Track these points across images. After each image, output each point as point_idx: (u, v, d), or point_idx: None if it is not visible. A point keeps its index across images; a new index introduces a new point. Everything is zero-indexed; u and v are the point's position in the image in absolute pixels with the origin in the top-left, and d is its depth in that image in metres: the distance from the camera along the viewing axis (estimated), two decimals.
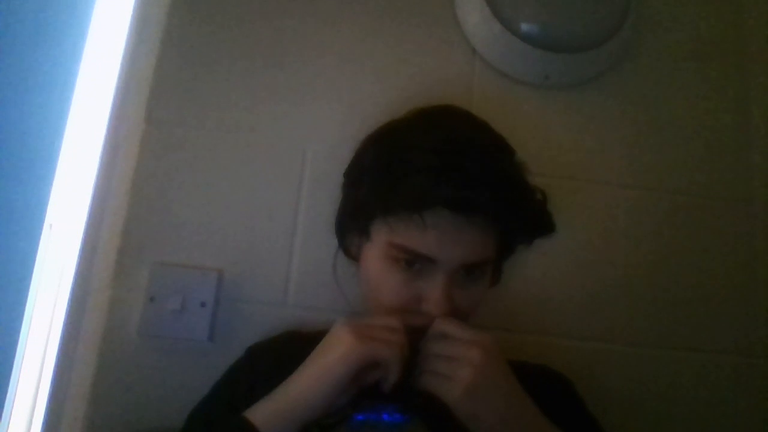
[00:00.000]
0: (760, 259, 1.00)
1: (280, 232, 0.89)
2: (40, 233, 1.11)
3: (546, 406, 0.70)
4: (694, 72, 1.06)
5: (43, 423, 0.90)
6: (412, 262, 0.66)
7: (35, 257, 1.10)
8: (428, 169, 0.64)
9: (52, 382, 0.93)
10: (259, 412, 0.61)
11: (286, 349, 0.74)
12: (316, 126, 0.93)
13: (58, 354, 0.95)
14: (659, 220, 0.99)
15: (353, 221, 0.74)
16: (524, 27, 0.95)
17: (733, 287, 0.98)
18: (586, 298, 0.94)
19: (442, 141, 0.66)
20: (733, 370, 0.95)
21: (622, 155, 1.00)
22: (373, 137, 0.76)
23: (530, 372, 0.76)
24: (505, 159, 0.69)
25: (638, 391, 0.92)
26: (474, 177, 0.63)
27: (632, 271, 0.96)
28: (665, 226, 0.99)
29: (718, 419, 0.93)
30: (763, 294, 0.99)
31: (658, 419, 0.92)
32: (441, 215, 0.63)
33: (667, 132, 1.03)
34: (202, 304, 0.83)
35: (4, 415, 1.00)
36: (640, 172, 1.00)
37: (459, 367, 0.60)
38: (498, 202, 0.64)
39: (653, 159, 1.01)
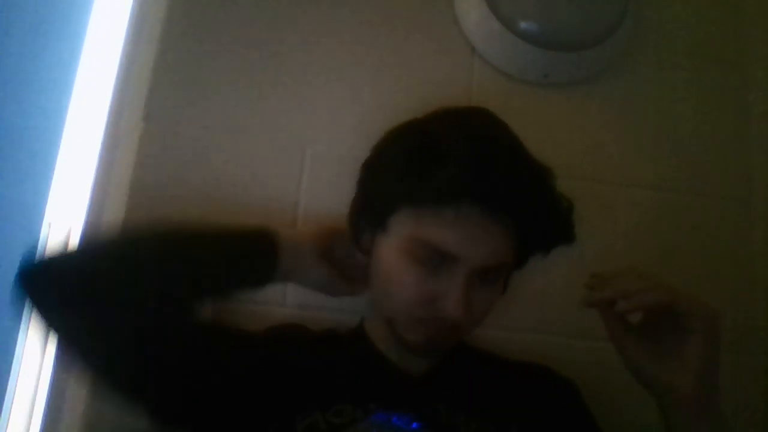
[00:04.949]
0: (759, 259, 1.00)
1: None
2: (39, 232, 1.11)
3: (550, 409, 0.70)
4: (693, 71, 1.06)
5: (42, 423, 0.90)
6: (431, 257, 0.63)
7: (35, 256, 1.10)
8: (463, 161, 0.61)
9: (51, 382, 0.93)
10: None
11: (297, 341, 0.74)
12: (316, 125, 0.93)
13: (57, 353, 0.95)
14: (659, 219, 0.99)
15: (370, 213, 0.71)
16: (523, 25, 0.95)
17: (732, 287, 0.98)
18: None
19: (474, 136, 0.64)
20: (733, 369, 0.95)
21: (621, 154, 1.00)
22: (398, 130, 0.72)
23: (535, 373, 0.76)
24: (533, 162, 0.68)
25: (639, 390, 0.92)
26: (508, 175, 0.62)
27: None
28: (665, 225, 0.99)
29: None
30: (763, 294, 0.99)
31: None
32: (469, 212, 0.61)
33: (666, 131, 1.03)
34: None
35: (3, 414, 1.00)
36: (639, 171, 1.00)
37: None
38: (529, 204, 0.63)
39: (653, 158, 1.01)
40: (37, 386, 1.02)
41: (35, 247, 1.02)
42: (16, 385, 1.02)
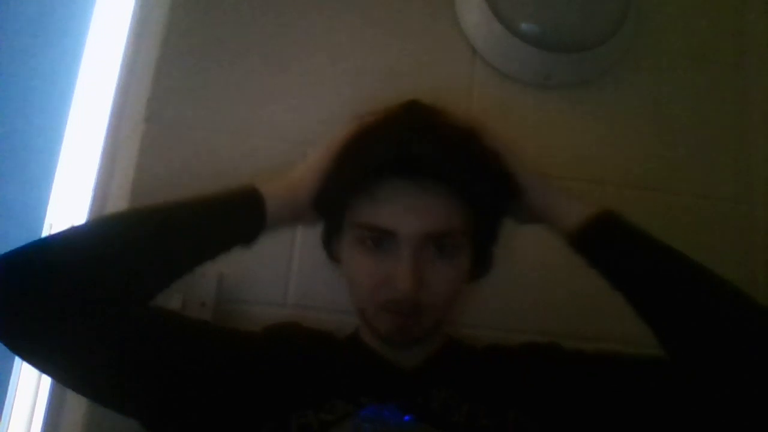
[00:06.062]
0: (759, 259, 1.00)
1: (280, 233, 0.89)
2: (40, 233, 1.11)
3: (545, 384, 0.69)
4: (694, 72, 1.06)
5: (43, 423, 0.90)
6: (378, 240, 0.65)
7: None
8: (372, 139, 0.67)
9: (52, 382, 0.93)
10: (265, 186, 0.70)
11: (293, 340, 0.73)
12: (316, 126, 0.93)
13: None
14: (659, 219, 0.98)
15: (330, 220, 0.74)
16: (524, 27, 0.95)
17: None
18: (586, 298, 0.94)
19: (395, 121, 0.68)
20: None
21: (621, 155, 1.00)
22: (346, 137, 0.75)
23: (522, 352, 0.75)
24: (454, 130, 0.68)
25: None
26: (423, 143, 0.63)
27: None
28: (665, 226, 0.98)
29: None
30: (763, 294, 0.99)
31: None
32: (393, 185, 0.64)
33: (667, 132, 1.03)
34: (203, 304, 0.83)
35: (4, 415, 1.00)
36: (640, 172, 1.00)
37: None
38: (445, 161, 0.63)
39: (653, 159, 1.01)
40: (38, 386, 1.02)
41: None
42: (17, 385, 1.02)
